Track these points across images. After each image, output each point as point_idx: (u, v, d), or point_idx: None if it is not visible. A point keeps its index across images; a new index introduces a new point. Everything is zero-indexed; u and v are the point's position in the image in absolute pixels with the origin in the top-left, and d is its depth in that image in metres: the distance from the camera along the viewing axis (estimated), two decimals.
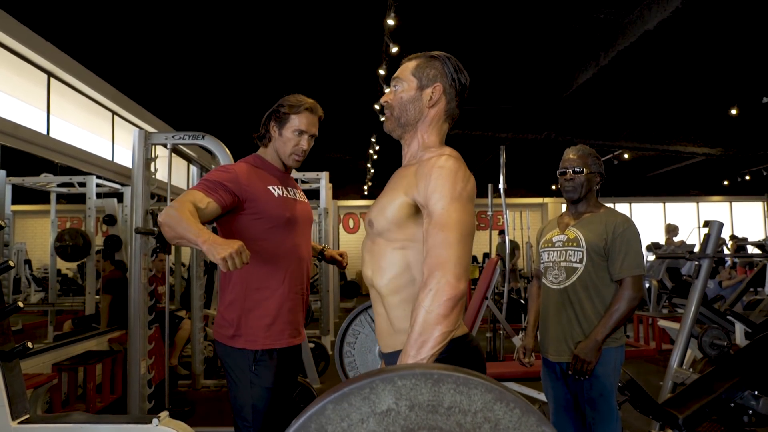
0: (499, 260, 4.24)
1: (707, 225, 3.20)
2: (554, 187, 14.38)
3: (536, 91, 8.29)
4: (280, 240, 1.82)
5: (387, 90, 6.62)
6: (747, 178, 13.61)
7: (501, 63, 7.19)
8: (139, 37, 6.15)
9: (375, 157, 10.87)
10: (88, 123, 4.74)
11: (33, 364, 3.37)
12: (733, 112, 8.51)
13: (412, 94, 1.34)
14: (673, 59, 7.01)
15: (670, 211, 15.42)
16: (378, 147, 10.31)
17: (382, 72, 6.37)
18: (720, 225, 3.14)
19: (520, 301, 6.71)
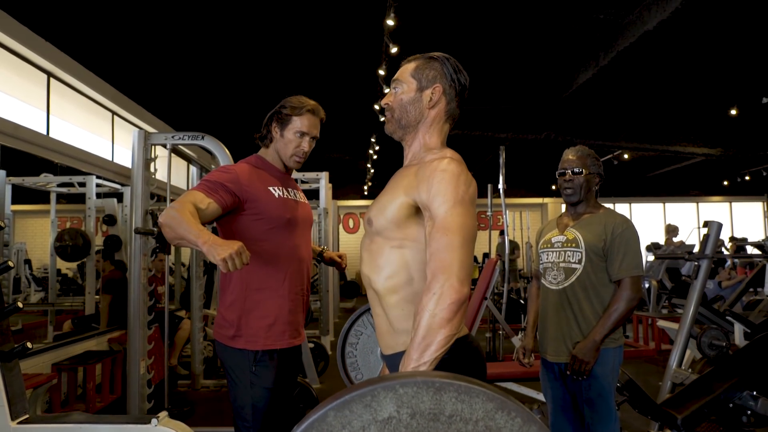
0: (498, 260, 4.24)
1: (707, 225, 3.20)
2: (554, 187, 14.38)
3: (536, 92, 8.29)
4: (281, 241, 1.82)
5: (387, 90, 6.64)
6: (747, 178, 13.61)
7: (501, 63, 7.19)
8: (139, 37, 6.15)
9: (375, 157, 10.88)
10: (88, 123, 4.74)
11: (33, 364, 3.37)
12: (733, 112, 8.51)
13: (412, 96, 1.35)
14: (673, 59, 7.01)
15: (669, 212, 15.42)
16: (378, 147, 10.31)
17: (382, 72, 6.38)
18: (719, 225, 3.15)
19: (519, 302, 6.71)
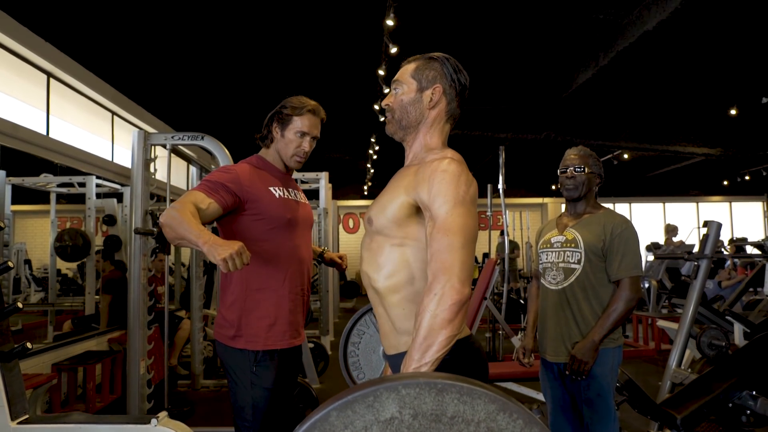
0: (498, 260, 4.24)
1: (706, 225, 3.20)
2: (554, 187, 14.38)
3: (536, 92, 8.29)
4: (281, 241, 1.83)
5: (387, 90, 6.65)
6: (747, 178, 13.61)
7: (501, 63, 7.19)
8: (139, 37, 6.15)
9: (375, 157, 10.88)
10: (88, 123, 4.74)
11: (33, 364, 3.37)
12: (733, 112, 8.51)
13: (412, 97, 1.35)
14: (673, 59, 7.01)
15: (669, 211, 15.42)
16: (378, 147, 10.31)
17: (381, 72, 6.38)
18: (719, 225, 3.15)
19: (519, 302, 6.71)
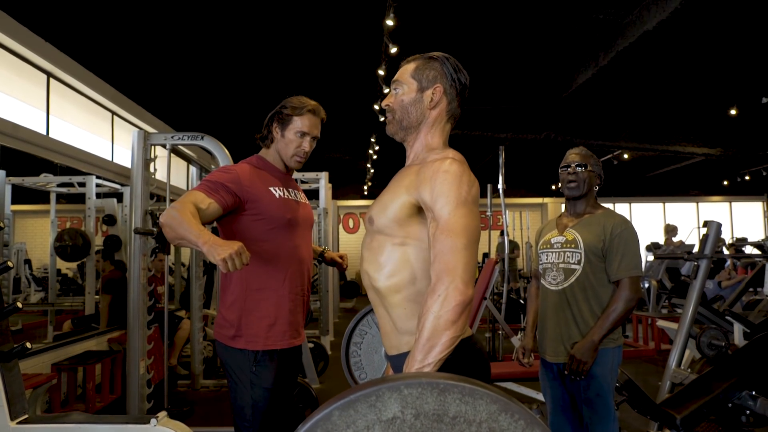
0: (498, 260, 4.24)
1: (706, 225, 3.20)
2: (554, 187, 14.38)
3: (536, 92, 8.29)
4: (281, 241, 1.83)
5: (387, 90, 6.65)
6: (747, 178, 13.61)
7: (501, 63, 7.19)
8: (139, 37, 6.15)
9: (375, 157, 10.88)
10: (88, 123, 4.74)
11: (32, 364, 3.37)
12: (733, 112, 8.51)
13: (413, 97, 1.34)
14: (673, 59, 7.01)
15: (669, 211, 15.41)
16: (378, 147, 10.31)
17: (381, 72, 6.38)
18: (718, 225, 3.15)
19: (519, 302, 6.71)
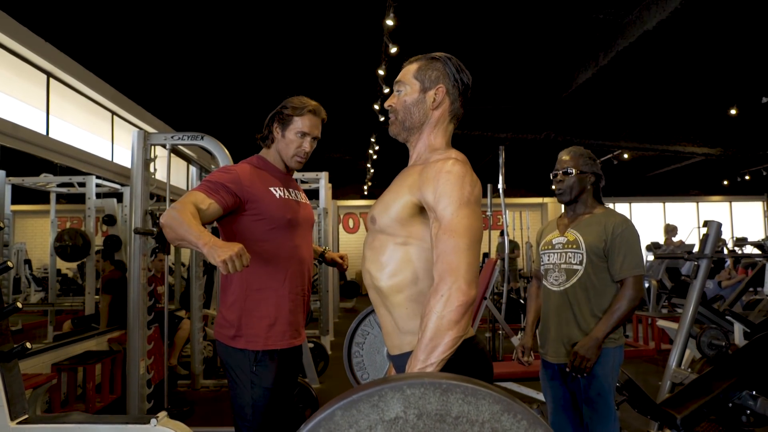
0: (498, 260, 4.24)
1: (706, 225, 3.20)
2: (553, 187, 14.37)
3: (536, 91, 8.28)
4: (281, 241, 1.83)
5: (387, 90, 6.65)
6: (747, 178, 13.61)
7: (501, 63, 7.19)
8: (139, 37, 6.15)
9: (375, 157, 10.87)
10: (88, 123, 4.74)
11: (32, 364, 3.37)
12: (733, 112, 8.51)
13: (415, 97, 1.34)
14: (673, 59, 7.00)
15: (669, 211, 15.41)
16: (378, 147, 10.31)
17: (381, 72, 6.37)
18: (719, 225, 3.14)
19: (519, 301, 6.71)
